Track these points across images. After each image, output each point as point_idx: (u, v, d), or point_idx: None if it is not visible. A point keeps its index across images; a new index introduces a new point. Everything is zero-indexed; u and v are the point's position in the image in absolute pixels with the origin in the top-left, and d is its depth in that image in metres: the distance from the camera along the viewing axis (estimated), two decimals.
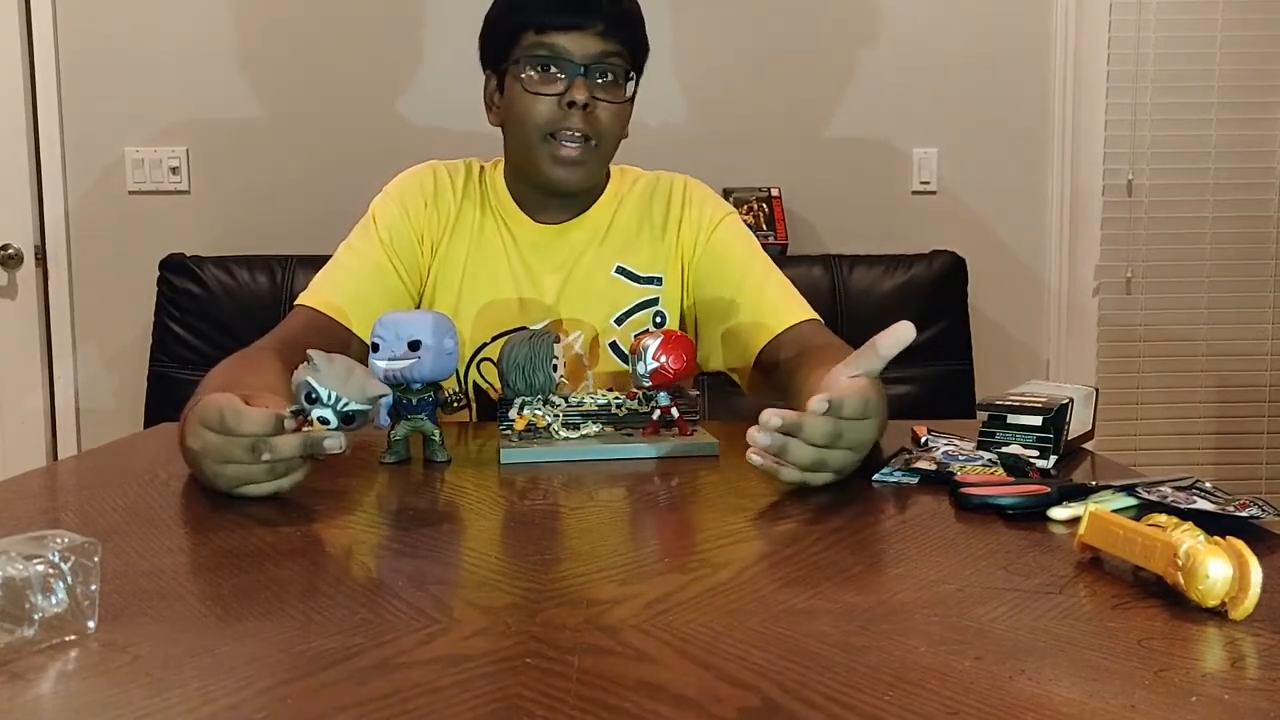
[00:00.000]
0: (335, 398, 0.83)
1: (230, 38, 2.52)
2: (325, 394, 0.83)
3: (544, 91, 1.18)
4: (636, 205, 1.32)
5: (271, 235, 2.50)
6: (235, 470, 0.81)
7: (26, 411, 2.55)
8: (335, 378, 0.83)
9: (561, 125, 1.18)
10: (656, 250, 1.30)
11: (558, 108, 1.18)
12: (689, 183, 1.35)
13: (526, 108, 1.19)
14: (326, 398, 0.83)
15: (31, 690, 0.49)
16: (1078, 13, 2.60)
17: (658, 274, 1.30)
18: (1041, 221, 2.67)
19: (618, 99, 1.21)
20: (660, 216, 1.31)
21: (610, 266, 1.29)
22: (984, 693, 0.47)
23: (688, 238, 1.31)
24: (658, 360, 1.00)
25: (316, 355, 0.84)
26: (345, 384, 0.83)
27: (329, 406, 0.83)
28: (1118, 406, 2.67)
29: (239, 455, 0.80)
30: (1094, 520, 0.66)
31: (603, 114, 1.20)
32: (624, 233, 1.30)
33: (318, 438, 0.80)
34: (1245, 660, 0.52)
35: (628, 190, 1.33)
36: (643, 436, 1.03)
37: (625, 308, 1.28)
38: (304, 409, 0.83)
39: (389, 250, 1.25)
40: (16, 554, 0.53)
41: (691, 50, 2.58)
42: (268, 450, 0.79)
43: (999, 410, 0.98)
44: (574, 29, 1.17)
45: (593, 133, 1.20)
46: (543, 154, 1.21)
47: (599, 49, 1.18)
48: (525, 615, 0.57)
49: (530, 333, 1.03)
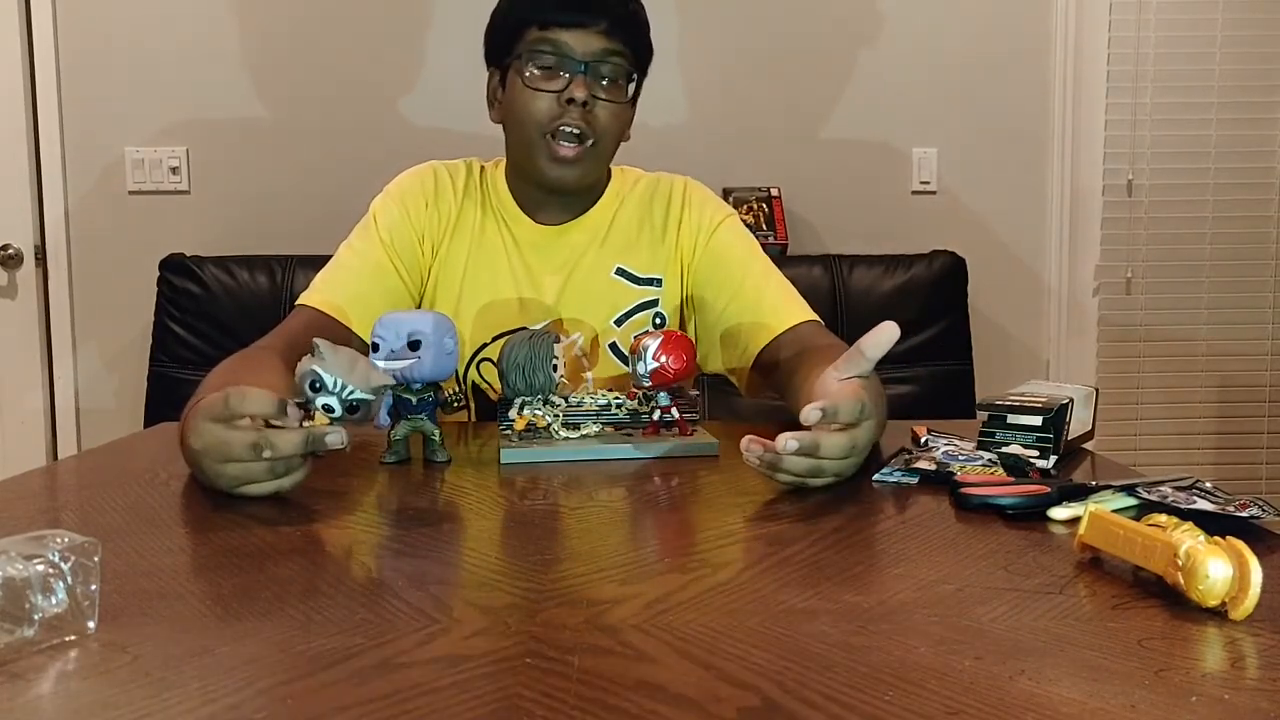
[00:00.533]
0: (340, 385, 0.83)
1: (231, 38, 2.52)
2: (331, 381, 0.83)
3: (544, 88, 1.18)
4: (637, 206, 1.32)
5: (271, 235, 2.50)
6: (236, 469, 0.81)
7: (26, 411, 2.55)
8: (340, 366, 0.84)
9: (560, 122, 1.18)
10: (656, 252, 1.30)
11: (557, 104, 1.18)
12: (689, 184, 1.35)
13: (526, 103, 1.19)
14: (332, 385, 0.83)
15: (31, 690, 0.49)
16: (1078, 13, 2.60)
17: (657, 275, 1.30)
18: (1041, 221, 2.67)
19: (618, 99, 1.21)
20: (660, 218, 1.31)
21: (610, 268, 1.29)
22: (984, 693, 0.47)
23: (687, 240, 1.31)
24: (658, 360, 1.00)
25: (322, 344, 0.84)
26: (350, 372, 0.84)
27: (334, 394, 0.83)
28: (1118, 406, 2.67)
29: (240, 453, 0.80)
30: (1094, 520, 0.66)
31: (602, 113, 1.20)
32: (624, 234, 1.30)
33: (319, 433, 0.80)
34: (1245, 660, 0.52)
35: (629, 191, 1.33)
36: (643, 437, 1.03)
37: (625, 309, 1.29)
38: (309, 399, 0.83)
39: (389, 250, 1.25)
40: (16, 554, 0.53)
41: (692, 50, 2.58)
42: (269, 448, 0.79)
43: (999, 410, 0.98)
44: (577, 26, 1.17)
45: (591, 131, 1.20)
46: (540, 151, 1.21)
47: (601, 47, 1.18)
48: (525, 615, 0.57)
49: (530, 333, 1.03)
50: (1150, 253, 2.67)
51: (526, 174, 1.26)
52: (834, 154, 2.62)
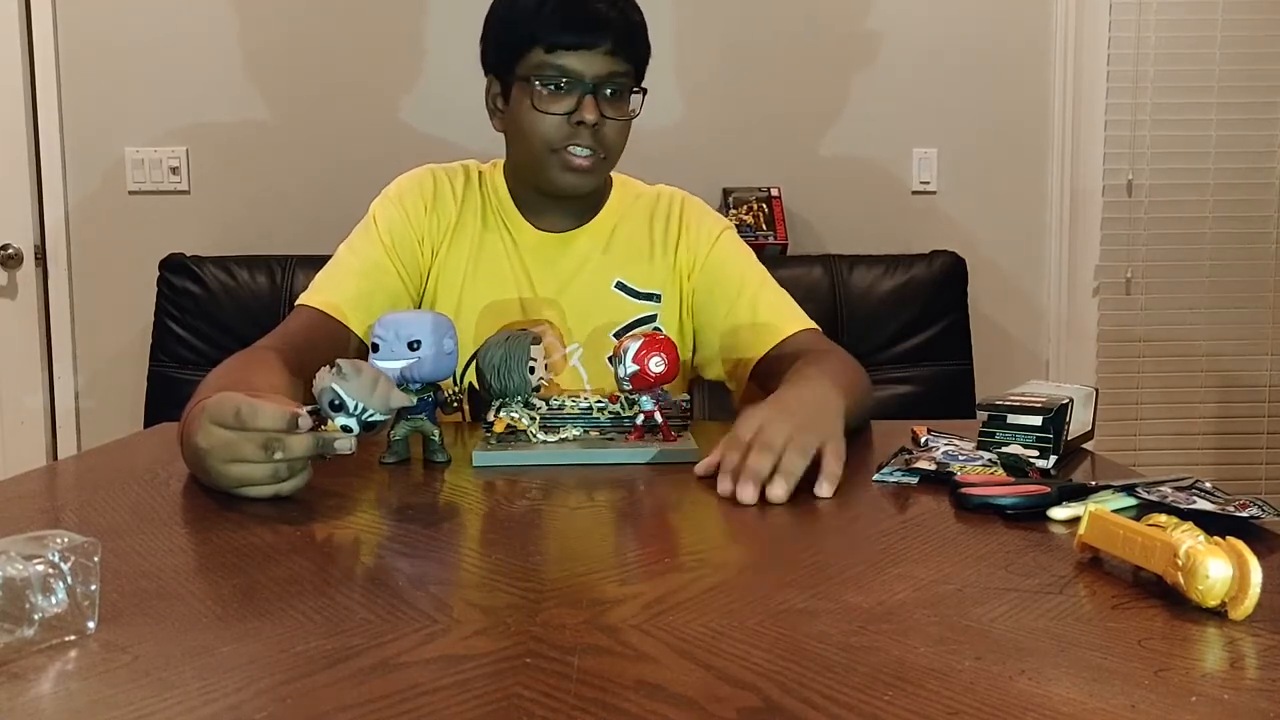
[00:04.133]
0: (360, 408, 0.83)
1: (231, 38, 2.52)
2: (352, 404, 0.83)
3: (553, 110, 1.18)
4: (639, 221, 1.33)
5: (271, 235, 2.50)
6: (240, 470, 0.81)
7: (26, 411, 2.55)
8: (363, 388, 0.84)
9: (571, 142, 1.19)
10: (656, 268, 1.31)
11: (567, 125, 1.18)
12: (685, 201, 1.36)
13: (534, 124, 1.19)
14: (353, 408, 0.83)
15: (31, 690, 0.49)
16: (1078, 13, 2.60)
17: (656, 290, 1.31)
18: (1041, 222, 2.67)
19: (624, 115, 1.22)
20: (660, 235, 1.32)
21: (610, 280, 1.30)
22: (984, 693, 0.47)
23: (685, 258, 1.32)
24: (638, 363, 0.98)
25: (345, 364, 0.84)
26: (371, 395, 0.84)
27: (354, 416, 0.83)
28: (1118, 407, 2.67)
29: (249, 453, 0.80)
30: (1094, 520, 0.66)
31: (610, 130, 1.21)
32: (625, 247, 1.31)
33: (329, 438, 0.81)
34: (1245, 660, 0.52)
35: (630, 205, 1.34)
36: (626, 441, 1.01)
37: (624, 322, 1.29)
38: (325, 413, 0.83)
39: (389, 251, 1.25)
40: (16, 554, 0.53)
41: (692, 50, 2.58)
42: (281, 449, 0.79)
43: (999, 410, 0.98)
44: (582, 48, 1.17)
45: (601, 148, 1.21)
46: (551, 164, 1.21)
47: (608, 69, 1.18)
48: (525, 615, 0.57)
49: (507, 334, 1.01)
50: (1150, 253, 2.67)
51: (533, 182, 1.26)
52: (834, 154, 2.62)
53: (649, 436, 1.02)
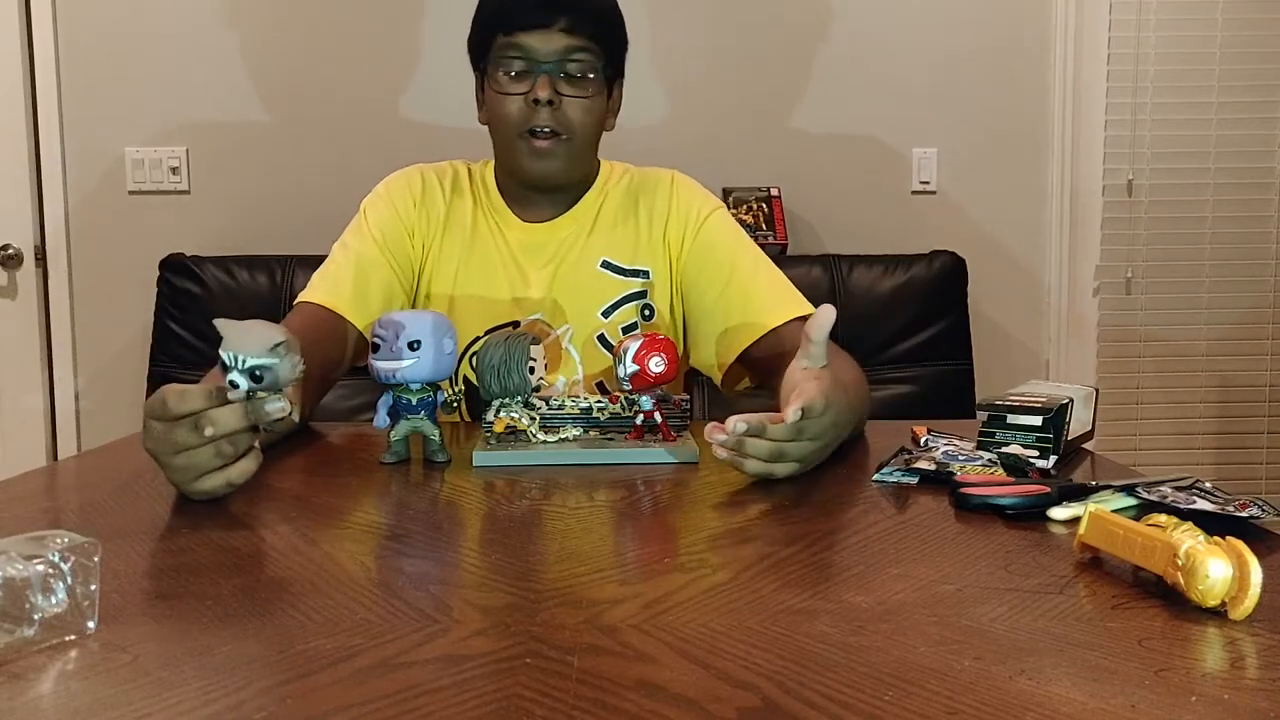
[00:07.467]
0: (237, 358, 0.79)
1: (231, 38, 2.52)
2: (229, 358, 0.79)
3: (513, 91, 1.22)
4: (622, 198, 1.33)
5: (271, 235, 2.50)
6: (184, 460, 0.79)
7: (26, 411, 2.55)
8: (234, 339, 0.80)
9: (532, 123, 1.21)
10: (643, 244, 1.31)
11: (526, 105, 1.21)
12: (676, 177, 1.35)
13: (499, 107, 1.23)
14: (230, 361, 0.79)
15: (31, 690, 0.49)
16: (1078, 13, 2.60)
17: (644, 267, 1.31)
18: (1041, 222, 2.67)
19: (585, 94, 1.23)
20: (647, 210, 1.32)
21: (596, 260, 1.30)
22: (984, 693, 0.47)
23: (674, 233, 1.31)
24: (638, 363, 0.98)
25: (219, 322, 0.81)
26: (243, 341, 0.80)
27: (234, 369, 0.79)
28: (1118, 406, 2.67)
29: (186, 439, 0.78)
30: (1094, 520, 0.66)
31: (570, 109, 1.22)
32: (609, 225, 1.31)
33: (258, 403, 0.79)
34: (1245, 660, 0.52)
35: (614, 184, 1.34)
36: (625, 441, 1.01)
37: (611, 300, 1.29)
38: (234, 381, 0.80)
39: (381, 245, 1.27)
40: (16, 554, 0.53)
41: (692, 50, 2.58)
42: (209, 424, 0.77)
43: (999, 410, 0.98)
44: (538, 27, 1.20)
45: (563, 128, 1.22)
46: (520, 150, 1.24)
47: (564, 45, 1.20)
48: (525, 615, 0.57)
49: (506, 334, 1.01)
50: (1150, 253, 2.67)
51: (511, 171, 1.29)
52: (834, 154, 2.62)
53: (648, 436, 1.02)
